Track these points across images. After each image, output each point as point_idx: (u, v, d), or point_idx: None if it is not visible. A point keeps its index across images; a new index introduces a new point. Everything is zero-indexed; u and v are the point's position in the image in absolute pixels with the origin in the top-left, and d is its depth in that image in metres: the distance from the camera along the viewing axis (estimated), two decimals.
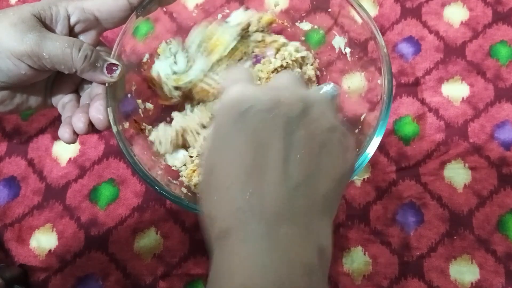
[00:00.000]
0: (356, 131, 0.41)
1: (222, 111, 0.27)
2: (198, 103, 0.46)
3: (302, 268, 0.23)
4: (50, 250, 0.48)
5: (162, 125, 0.43)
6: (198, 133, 0.43)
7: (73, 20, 0.38)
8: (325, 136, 0.26)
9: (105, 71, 0.37)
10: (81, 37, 0.39)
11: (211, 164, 0.27)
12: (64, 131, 0.38)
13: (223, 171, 0.25)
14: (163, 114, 0.46)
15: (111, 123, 0.37)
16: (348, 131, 0.28)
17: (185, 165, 0.43)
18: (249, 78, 0.30)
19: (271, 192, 0.24)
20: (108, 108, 0.37)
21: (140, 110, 0.43)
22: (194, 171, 0.42)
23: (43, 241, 0.48)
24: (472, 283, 0.46)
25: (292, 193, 0.24)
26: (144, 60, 0.44)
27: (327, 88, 0.32)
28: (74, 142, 0.39)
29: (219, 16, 0.47)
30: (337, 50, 0.46)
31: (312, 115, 0.26)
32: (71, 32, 0.38)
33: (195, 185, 0.42)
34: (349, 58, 0.44)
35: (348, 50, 0.44)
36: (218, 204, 0.25)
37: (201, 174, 0.28)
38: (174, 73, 0.43)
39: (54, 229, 0.48)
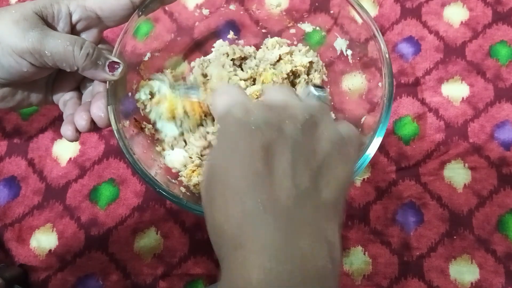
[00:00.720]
0: None
1: (226, 120, 0.27)
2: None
3: (316, 275, 0.23)
4: (50, 250, 0.48)
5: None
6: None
7: (75, 18, 0.38)
8: (329, 147, 0.27)
9: (107, 69, 0.37)
10: (83, 35, 0.39)
11: (217, 168, 0.26)
12: (66, 129, 0.38)
13: (231, 176, 0.25)
14: None
15: (112, 121, 0.37)
16: (352, 130, 0.29)
17: (184, 165, 0.43)
18: (242, 92, 0.30)
19: (283, 199, 0.24)
20: (109, 107, 0.37)
21: (140, 109, 0.43)
22: (193, 171, 0.42)
23: (43, 241, 0.48)
24: (472, 283, 0.46)
25: (302, 200, 0.25)
26: (145, 59, 0.44)
27: (316, 92, 0.31)
28: (76, 140, 0.39)
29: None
30: (338, 52, 0.46)
31: (316, 126, 0.27)
32: (73, 30, 0.38)
33: (194, 185, 0.42)
34: (350, 60, 0.44)
35: (349, 52, 0.44)
36: (227, 210, 0.25)
37: (205, 177, 0.28)
38: None
39: (54, 229, 0.48)
